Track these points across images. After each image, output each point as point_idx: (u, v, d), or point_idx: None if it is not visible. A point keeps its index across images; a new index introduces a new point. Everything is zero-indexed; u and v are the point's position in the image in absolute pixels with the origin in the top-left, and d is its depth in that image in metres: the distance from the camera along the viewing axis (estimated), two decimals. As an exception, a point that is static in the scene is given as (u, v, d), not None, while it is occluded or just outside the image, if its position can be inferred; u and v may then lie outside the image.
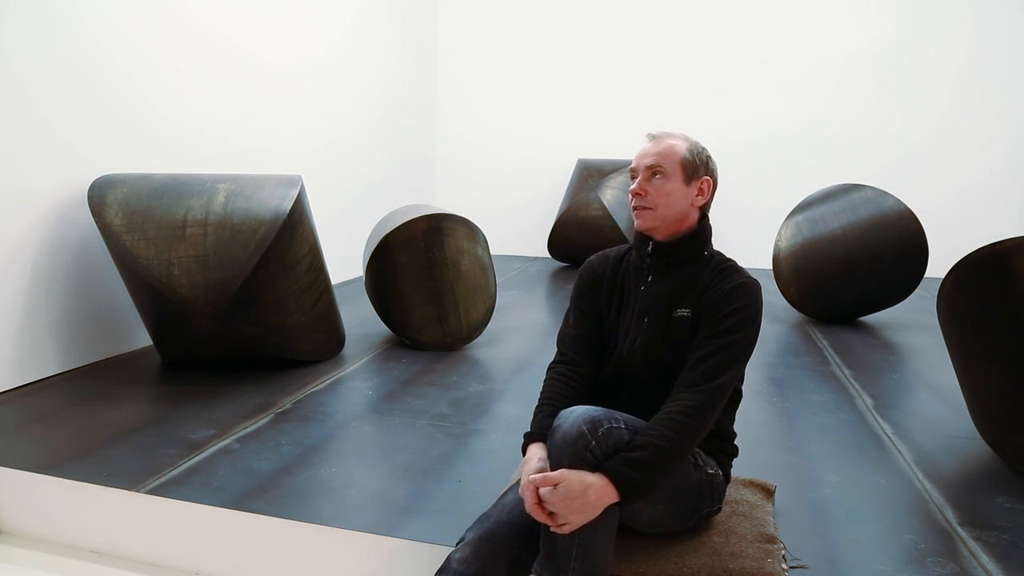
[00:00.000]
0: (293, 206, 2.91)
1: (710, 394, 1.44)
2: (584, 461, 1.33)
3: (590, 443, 1.33)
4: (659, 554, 1.55)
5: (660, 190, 1.57)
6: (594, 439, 1.34)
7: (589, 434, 1.34)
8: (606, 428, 1.36)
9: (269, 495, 1.91)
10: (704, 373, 1.46)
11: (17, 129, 2.80)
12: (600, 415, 1.38)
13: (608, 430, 1.36)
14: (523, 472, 1.42)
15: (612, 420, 1.38)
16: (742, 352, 1.50)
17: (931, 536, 1.74)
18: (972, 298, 2.16)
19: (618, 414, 1.42)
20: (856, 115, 6.42)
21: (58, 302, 3.01)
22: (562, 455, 1.34)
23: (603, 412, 1.40)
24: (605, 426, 1.36)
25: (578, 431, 1.34)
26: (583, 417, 1.37)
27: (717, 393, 1.45)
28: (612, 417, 1.39)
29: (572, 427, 1.36)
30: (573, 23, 6.95)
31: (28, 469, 2.04)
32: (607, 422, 1.37)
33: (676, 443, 1.38)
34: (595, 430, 1.35)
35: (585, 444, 1.33)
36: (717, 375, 1.46)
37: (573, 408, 1.42)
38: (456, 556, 1.35)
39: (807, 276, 4.21)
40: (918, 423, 2.58)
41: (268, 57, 4.44)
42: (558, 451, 1.36)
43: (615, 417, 1.40)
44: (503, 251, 7.15)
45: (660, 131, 1.66)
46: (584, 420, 1.36)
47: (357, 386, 2.93)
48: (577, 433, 1.34)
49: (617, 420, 1.39)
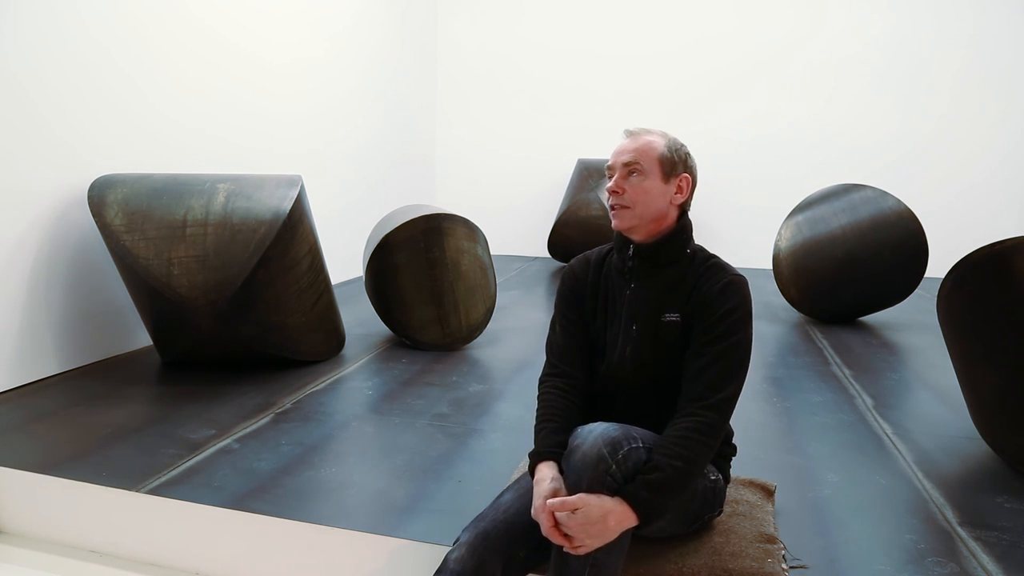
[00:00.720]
0: (293, 206, 2.91)
1: (720, 409, 1.42)
2: (604, 485, 1.30)
3: (611, 467, 1.30)
4: (659, 554, 1.55)
5: (637, 188, 1.53)
6: (614, 463, 1.30)
7: (610, 457, 1.31)
8: (626, 450, 1.32)
9: (269, 495, 1.91)
10: (710, 385, 1.43)
11: (17, 129, 2.80)
12: (619, 435, 1.34)
13: (628, 452, 1.32)
14: (536, 493, 1.37)
15: (631, 440, 1.35)
16: (743, 356, 1.48)
17: (931, 536, 1.74)
18: (972, 298, 2.16)
19: (635, 431, 1.38)
20: (856, 115, 6.43)
21: (58, 302, 3.01)
22: (581, 479, 1.31)
23: (622, 431, 1.36)
24: (625, 448, 1.33)
25: (598, 453, 1.31)
26: (603, 438, 1.33)
27: (726, 405, 1.43)
28: (631, 436, 1.36)
29: (592, 449, 1.32)
30: (573, 23, 6.96)
31: (28, 469, 2.04)
32: (627, 443, 1.33)
33: (693, 463, 1.36)
34: (615, 452, 1.31)
35: (606, 468, 1.30)
36: (724, 386, 1.43)
37: (591, 427, 1.38)
38: (452, 556, 1.35)
39: (807, 276, 4.21)
40: (918, 423, 2.58)
41: (268, 57, 4.44)
42: (576, 474, 1.32)
43: (633, 436, 1.36)
44: (503, 251, 7.15)
45: (638, 127, 1.61)
46: (604, 442, 1.32)
47: (357, 386, 2.93)
48: (597, 456, 1.31)
49: (636, 440, 1.36)
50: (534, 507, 1.35)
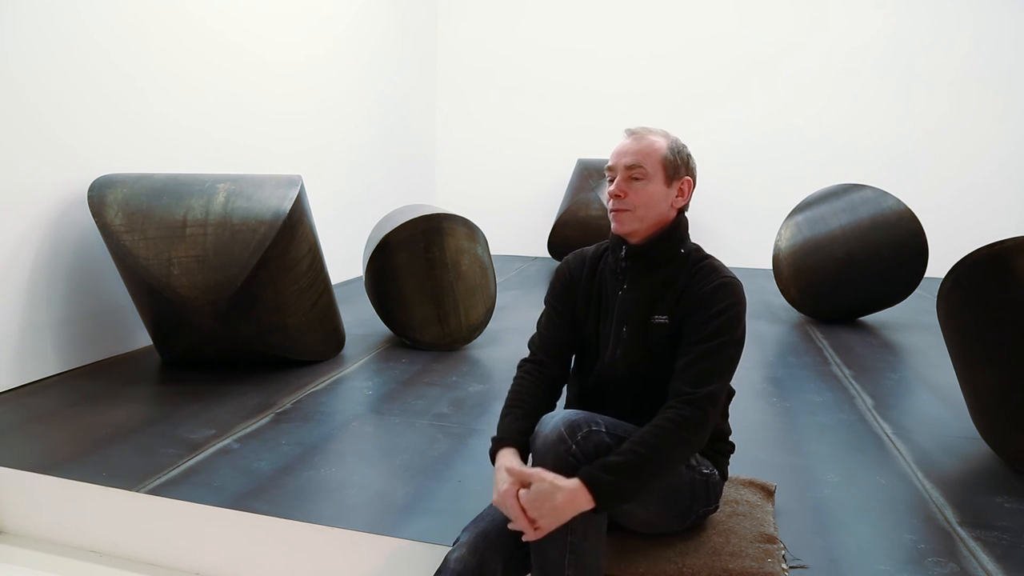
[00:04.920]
0: (293, 206, 2.91)
1: (699, 404, 1.39)
2: (567, 465, 1.31)
3: (571, 447, 1.32)
4: (659, 554, 1.55)
5: (640, 193, 1.51)
6: (574, 443, 1.33)
7: (569, 438, 1.33)
8: (585, 432, 1.35)
9: (269, 495, 1.91)
10: (691, 380, 1.41)
11: (17, 129, 2.80)
12: (580, 418, 1.37)
13: (588, 433, 1.35)
14: (496, 480, 1.38)
15: (592, 423, 1.37)
16: (730, 357, 1.46)
17: (931, 536, 1.74)
18: (972, 298, 2.16)
19: (599, 418, 1.40)
20: (855, 115, 6.42)
21: (58, 302, 3.01)
22: (545, 460, 1.33)
23: (583, 416, 1.38)
24: (584, 429, 1.35)
25: (558, 435, 1.34)
26: (563, 421, 1.36)
27: (707, 402, 1.40)
28: (592, 420, 1.38)
29: (552, 431, 1.35)
30: (573, 23, 6.96)
31: (28, 469, 2.04)
32: (586, 425, 1.36)
33: (657, 451, 1.34)
34: (574, 433, 1.34)
35: (567, 448, 1.32)
36: (705, 383, 1.41)
37: (554, 413, 1.40)
38: (453, 556, 1.35)
39: (807, 276, 4.21)
40: (918, 423, 2.58)
41: (268, 57, 4.44)
42: (540, 457, 1.35)
43: (595, 420, 1.38)
44: (503, 251, 7.15)
45: (639, 127, 1.58)
46: (564, 424, 1.35)
47: (357, 386, 2.93)
48: (557, 437, 1.33)
49: (598, 423, 1.38)
50: (496, 493, 1.35)
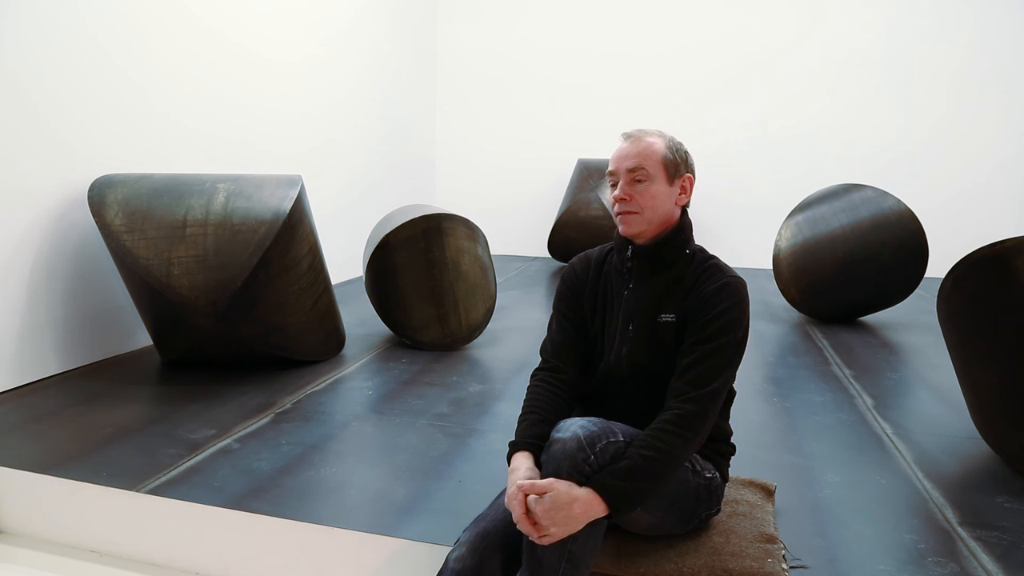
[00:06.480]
0: (293, 206, 2.91)
1: (700, 402, 1.41)
2: (582, 474, 1.31)
3: (589, 457, 1.32)
4: (659, 554, 1.55)
5: (645, 194, 1.52)
6: (593, 454, 1.32)
7: (588, 448, 1.32)
8: (604, 443, 1.34)
9: (269, 495, 1.91)
10: (692, 381, 1.43)
11: (17, 129, 2.80)
12: (598, 429, 1.36)
13: (606, 445, 1.34)
14: (509, 481, 1.39)
15: (610, 434, 1.37)
16: (731, 357, 1.47)
17: (931, 536, 1.74)
18: (972, 298, 2.16)
19: (616, 427, 1.40)
20: (856, 115, 6.43)
21: (58, 302, 3.01)
22: (560, 468, 1.33)
23: (602, 426, 1.38)
24: (603, 441, 1.34)
25: (577, 444, 1.33)
26: (583, 430, 1.35)
27: (708, 400, 1.42)
28: (610, 431, 1.37)
29: (571, 439, 1.34)
30: (573, 23, 6.96)
31: (28, 469, 2.04)
32: (605, 436, 1.35)
33: (664, 453, 1.36)
34: (593, 444, 1.33)
35: (584, 458, 1.32)
36: (707, 382, 1.42)
37: (571, 420, 1.40)
38: (453, 556, 1.35)
39: (807, 276, 4.21)
40: (918, 423, 2.58)
41: (268, 57, 4.44)
42: (556, 463, 1.34)
43: (613, 431, 1.38)
44: (503, 251, 7.15)
45: (635, 130, 1.60)
46: (584, 434, 1.34)
47: (357, 386, 2.93)
48: (576, 446, 1.33)
49: (615, 434, 1.37)
50: (507, 495, 1.35)
